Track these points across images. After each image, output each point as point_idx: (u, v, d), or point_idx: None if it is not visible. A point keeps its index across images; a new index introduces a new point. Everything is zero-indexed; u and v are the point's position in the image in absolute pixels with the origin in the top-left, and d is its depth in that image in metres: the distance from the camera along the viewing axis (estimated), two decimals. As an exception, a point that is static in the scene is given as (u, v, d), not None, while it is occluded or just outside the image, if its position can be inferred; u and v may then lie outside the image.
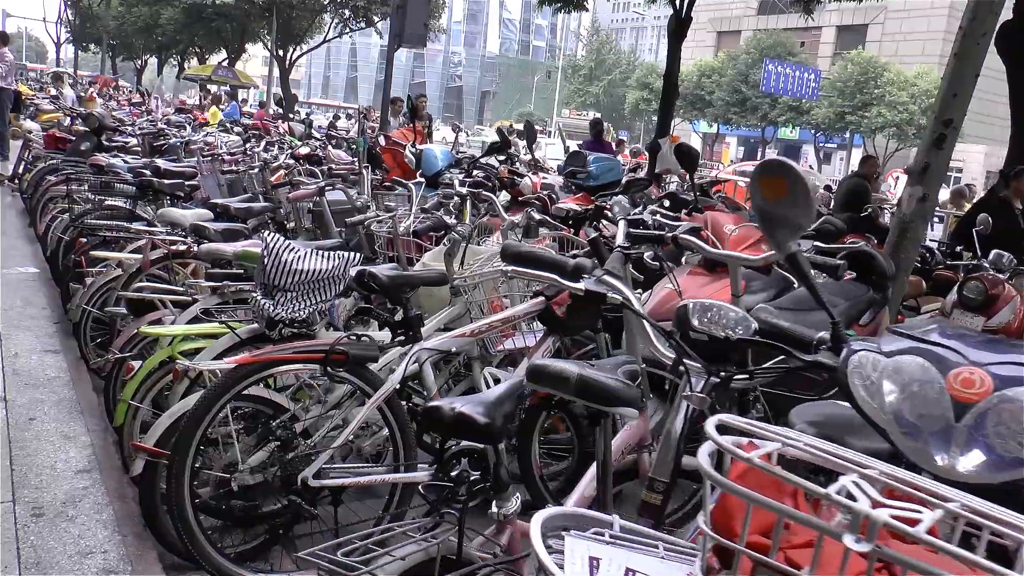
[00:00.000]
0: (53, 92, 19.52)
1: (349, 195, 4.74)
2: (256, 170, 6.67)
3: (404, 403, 3.31)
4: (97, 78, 34.92)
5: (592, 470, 2.57)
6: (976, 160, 43.95)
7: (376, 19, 32.02)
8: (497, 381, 3.41)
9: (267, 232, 3.21)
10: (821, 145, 51.14)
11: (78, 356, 4.98)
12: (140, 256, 4.95)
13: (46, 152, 9.73)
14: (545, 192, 5.39)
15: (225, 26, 34.35)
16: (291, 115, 20.48)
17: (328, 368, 3.00)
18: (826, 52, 52.84)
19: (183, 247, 4.90)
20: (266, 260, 3.16)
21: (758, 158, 52.34)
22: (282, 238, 3.21)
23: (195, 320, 3.83)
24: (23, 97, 15.28)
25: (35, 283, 6.58)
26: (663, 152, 15.07)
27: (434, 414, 2.10)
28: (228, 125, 14.91)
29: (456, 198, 4.41)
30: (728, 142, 58.98)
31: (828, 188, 15.31)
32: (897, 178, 31.86)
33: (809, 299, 4.62)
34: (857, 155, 48.06)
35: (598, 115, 15.04)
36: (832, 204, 11.92)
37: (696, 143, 54.12)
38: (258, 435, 3.20)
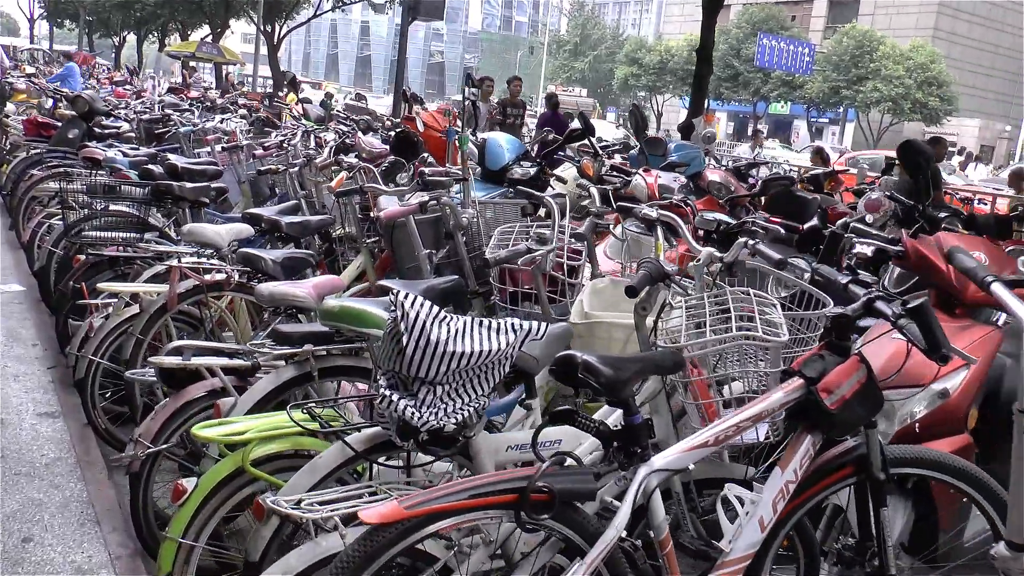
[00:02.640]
0: (29, 69, 18.05)
1: (455, 209, 3.54)
2: (296, 168, 5.44)
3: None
4: (76, 55, 33.19)
5: None
6: (971, 134, 43.71)
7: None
8: (741, 502, 2.29)
9: (400, 292, 2.03)
10: (814, 120, 50.44)
11: (84, 423, 3.79)
12: (162, 288, 3.77)
13: (26, 140, 8.43)
14: (678, 197, 4.22)
15: (208, 0, 32.69)
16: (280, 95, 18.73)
17: (524, 513, 1.87)
18: (817, 26, 51.83)
19: (220, 276, 3.72)
20: (404, 338, 2.00)
21: (749, 133, 51.34)
22: (425, 301, 2.04)
23: (264, 402, 2.66)
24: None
25: (21, 306, 5.37)
26: (697, 133, 14.01)
27: None
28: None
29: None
30: (718, 117, 58.06)
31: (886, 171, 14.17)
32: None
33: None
34: (851, 130, 47.48)
35: (553, 91, 13.91)
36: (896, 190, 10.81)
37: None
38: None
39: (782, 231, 4.03)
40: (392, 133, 6.92)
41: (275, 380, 2.69)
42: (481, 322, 2.12)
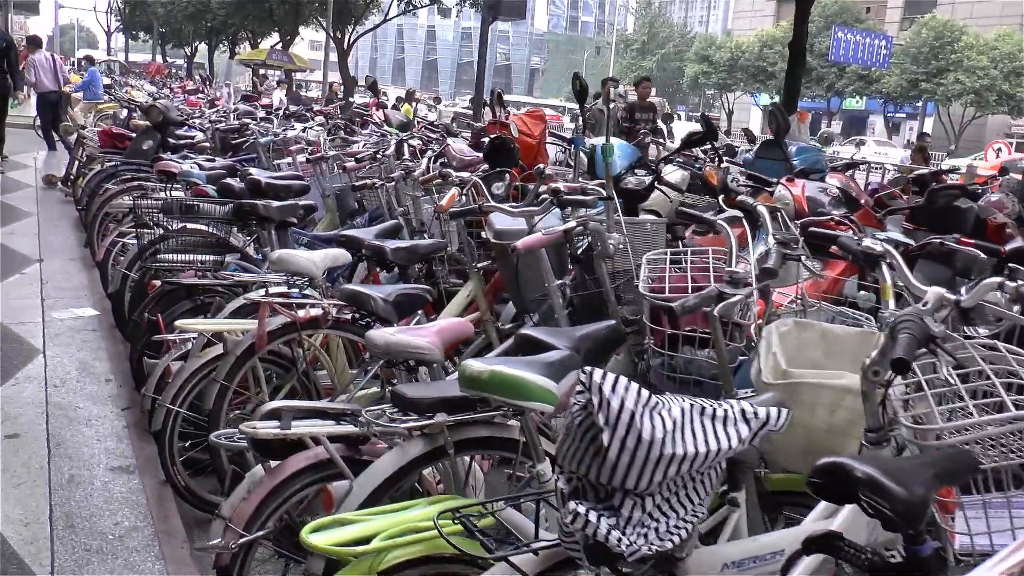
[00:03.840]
0: (105, 81, 17.98)
1: (604, 237, 2.92)
2: (393, 183, 4.87)
3: None
4: (149, 66, 33.53)
5: None
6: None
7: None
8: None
9: (593, 371, 1.46)
10: (891, 115, 48.82)
11: (162, 480, 3.30)
12: (248, 325, 3.27)
13: (102, 152, 8.11)
14: (838, 212, 3.57)
15: (278, 8, 32.70)
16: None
17: None
18: (893, 18, 50.11)
19: (316, 312, 3.20)
20: (606, 436, 1.43)
21: (821, 129, 49.74)
22: (629, 383, 1.47)
23: (387, 486, 2.11)
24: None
25: (94, 334, 4.95)
26: (792, 132, 13.20)
27: None
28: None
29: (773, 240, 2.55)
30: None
31: (1003, 171, 13.20)
32: (999, 150, 29.27)
33: None
34: (930, 125, 45.69)
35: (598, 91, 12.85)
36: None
37: (757, 117, 51.54)
38: None
39: (981, 255, 3.36)
40: (487, 140, 6.36)
41: (399, 459, 2.13)
42: (703, 409, 1.54)
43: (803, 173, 5.20)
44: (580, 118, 6.97)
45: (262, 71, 30.60)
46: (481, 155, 6.29)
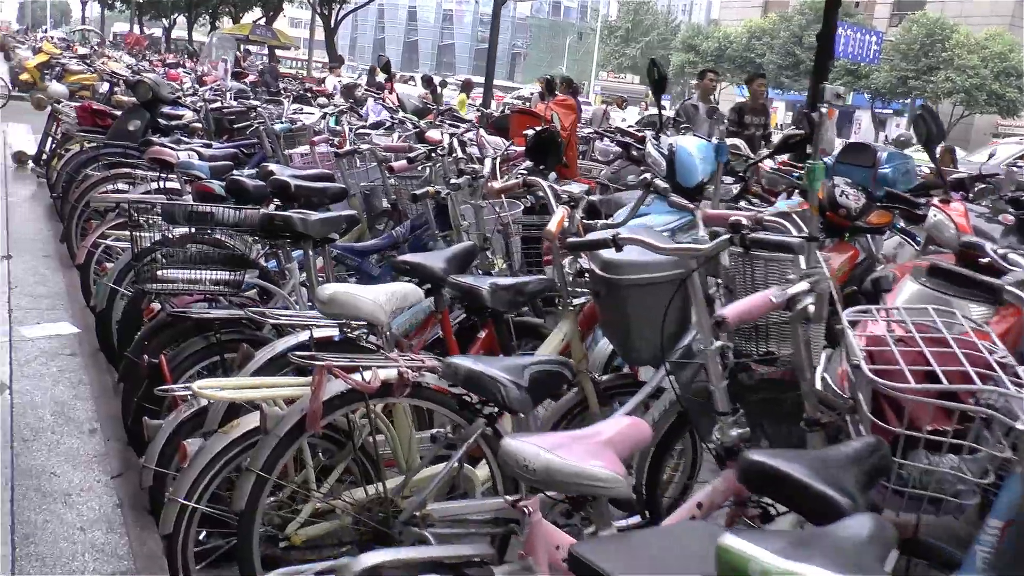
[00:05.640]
0: (81, 50, 16.87)
1: (825, 301, 2.02)
2: (458, 190, 3.92)
3: None
4: (128, 36, 32.11)
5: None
6: (1046, 129, 41.91)
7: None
8: None
9: None
10: (878, 111, 48.61)
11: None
12: (292, 388, 2.44)
13: (80, 132, 7.15)
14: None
15: (262, -19, 31.50)
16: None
17: None
18: (883, 13, 49.81)
19: (388, 373, 2.35)
20: None
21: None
22: None
23: None
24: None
25: (74, 361, 4.07)
26: (823, 133, 12.45)
27: None
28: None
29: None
30: (776, 107, 56.37)
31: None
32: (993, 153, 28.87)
33: None
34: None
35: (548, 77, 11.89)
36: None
37: (741, 109, 51.02)
38: None
39: None
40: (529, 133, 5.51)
41: None
42: None
43: (924, 188, 4.42)
44: (659, 114, 6.15)
45: (244, 47, 29.35)
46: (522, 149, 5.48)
